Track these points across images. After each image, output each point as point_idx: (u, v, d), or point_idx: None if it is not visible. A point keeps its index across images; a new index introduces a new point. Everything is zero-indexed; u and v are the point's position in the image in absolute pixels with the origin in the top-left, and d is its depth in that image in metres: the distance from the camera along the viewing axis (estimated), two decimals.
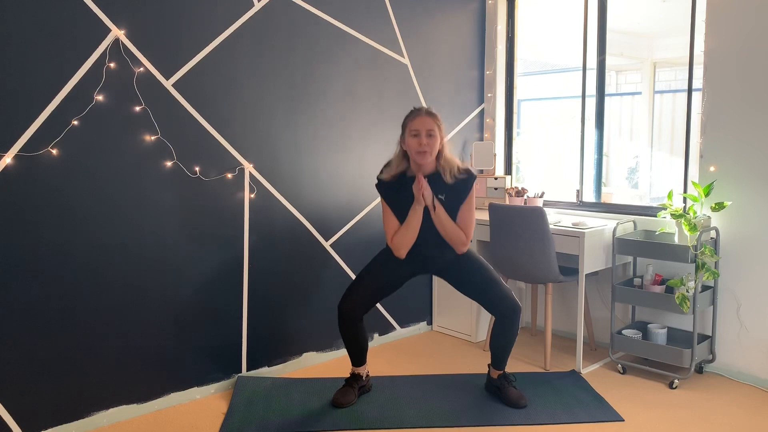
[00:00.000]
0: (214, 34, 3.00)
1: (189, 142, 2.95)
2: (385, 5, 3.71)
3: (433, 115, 2.80)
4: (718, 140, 3.29)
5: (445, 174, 2.81)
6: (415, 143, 2.75)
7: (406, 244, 2.84)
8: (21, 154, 2.49)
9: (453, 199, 2.82)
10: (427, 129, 2.74)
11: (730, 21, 3.20)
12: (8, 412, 2.53)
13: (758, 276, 3.20)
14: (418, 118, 2.77)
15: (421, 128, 2.74)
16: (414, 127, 2.76)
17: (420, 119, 2.76)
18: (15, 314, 2.52)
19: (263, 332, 3.32)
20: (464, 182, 2.83)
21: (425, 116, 2.77)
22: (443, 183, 2.81)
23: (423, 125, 2.75)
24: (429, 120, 2.76)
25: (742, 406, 2.99)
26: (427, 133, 2.74)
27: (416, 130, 2.75)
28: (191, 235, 3.00)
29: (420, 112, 2.80)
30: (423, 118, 2.76)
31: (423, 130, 2.74)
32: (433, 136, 2.76)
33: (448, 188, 2.81)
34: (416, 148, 2.75)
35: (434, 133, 2.76)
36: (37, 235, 2.56)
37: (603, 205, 3.91)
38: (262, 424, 2.77)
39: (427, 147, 2.74)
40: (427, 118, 2.77)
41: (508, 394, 2.97)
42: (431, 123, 2.76)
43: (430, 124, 2.75)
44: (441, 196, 2.81)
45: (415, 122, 2.76)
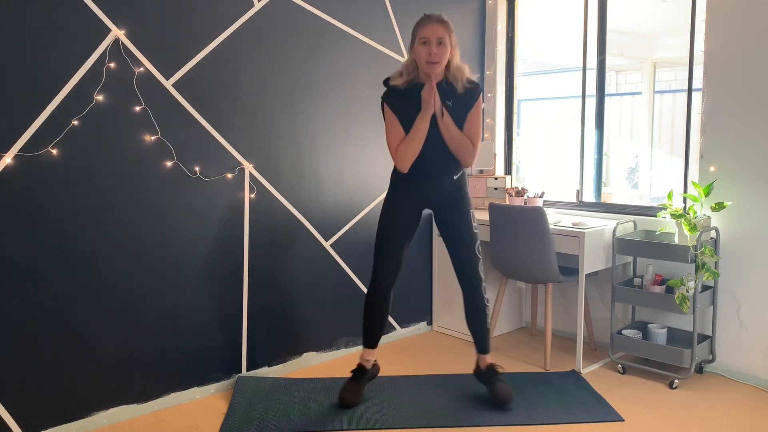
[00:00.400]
0: (214, 34, 3.00)
1: (189, 142, 2.95)
2: (385, 5, 3.71)
3: (445, 22, 2.67)
4: (718, 140, 3.29)
5: (456, 83, 2.73)
6: (425, 52, 2.64)
7: (411, 153, 2.75)
8: (21, 154, 2.49)
9: (460, 107, 2.75)
10: (437, 37, 2.63)
11: (730, 21, 3.20)
12: (8, 412, 2.53)
13: (758, 276, 3.20)
14: (429, 25, 2.64)
15: (432, 36, 2.63)
16: (424, 35, 2.64)
17: (430, 27, 2.64)
18: (15, 314, 2.52)
19: (263, 332, 3.32)
20: (471, 91, 2.75)
21: (436, 24, 2.64)
22: (452, 91, 2.73)
23: (433, 33, 2.63)
24: (440, 28, 2.64)
25: (742, 406, 2.99)
26: (438, 41, 2.63)
27: (426, 37, 2.63)
28: (191, 235, 3.00)
29: (431, 19, 2.66)
30: (434, 26, 2.63)
31: (433, 38, 2.63)
32: (444, 44, 2.64)
33: (455, 97, 2.74)
34: (426, 57, 2.64)
35: (444, 41, 2.64)
36: (37, 235, 2.56)
37: (603, 205, 3.91)
38: (262, 424, 2.77)
39: (437, 57, 2.63)
40: (437, 25, 2.64)
41: (496, 389, 2.92)
42: (442, 31, 2.64)
43: (440, 32, 2.63)
44: (449, 102, 2.73)
45: (426, 30, 2.64)
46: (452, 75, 2.73)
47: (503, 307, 4.07)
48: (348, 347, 3.71)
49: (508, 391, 2.92)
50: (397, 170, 2.89)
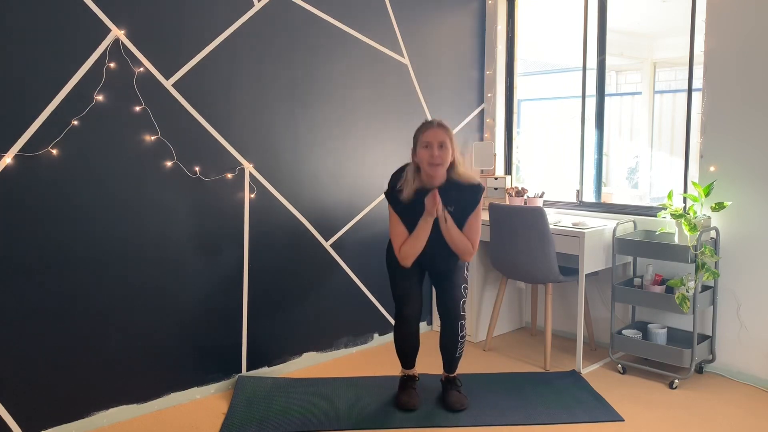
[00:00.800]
0: (214, 34, 3.00)
1: (189, 142, 2.95)
2: (385, 5, 3.71)
3: (445, 127, 2.80)
4: (718, 140, 3.29)
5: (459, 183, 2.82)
6: (427, 155, 2.75)
7: (413, 254, 2.84)
8: (21, 154, 2.49)
9: (461, 211, 2.84)
10: (438, 141, 2.75)
11: (730, 21, 3.20)
12: (8, 412, 2.53)
13: (758, 276, 3.20)
14: (430, 130, 2.77)
15: (433, 140, 2.75)
16: (425, 139, 2.77)
17: (431, 131, 2.77)
18: (15, 314, 2.52)
19: (263, 332, 3.32)
20: (473, 195, 2.84)
21: (436, 128, 2.78)
22: (452, 195, 2.81)
23: (434, 137, 2.75)
24: (440, 132, 2.77)
25: (742, 406, 2.99)
26: (439, 145, 2.75)
27: (428, 141, 2.76)
28: (191, 235, 3.00)
29: (431, 124, 2.81)
30: (434, 130, 2.77)
31: (435, 141, 2.75)
32: (445, 147, 2.76)
33: (456, 200, 2.82)
34: (428, 160, 2.75)
35: (446, 144, 2.76)
36: (37, 235, 2.56)
37: (603, 205, 3.91)
38: (263, 424, 2.77)
39: (438, 159, 2.74)
40: (438, 130, 2.77)
41: (447, 396, 2.99)
42: (443, 135, 2.76)
43: (441, 136, 2.76)
44: (450, 207, 2.81)
45: (427, 134, 2.77)
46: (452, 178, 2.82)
47: (503, 307, 4.07)
48: (348, 347, 3.71)
49: (459, 399, 2.96)
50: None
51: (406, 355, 3.08)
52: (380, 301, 3.84)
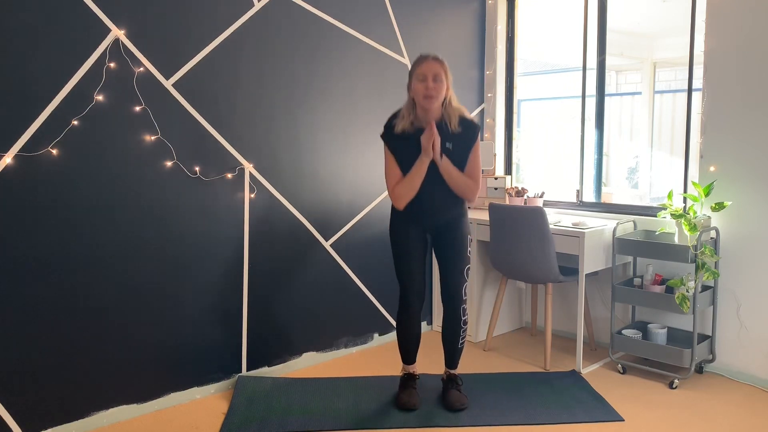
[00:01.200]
0: (214, 34, 3.00)
1: (189, 142, 2.95)
2: (385, 5, 3.71)
3: (440, 60, 2.75)
4: (718, 140, 3.29)
5: (451, 122, 2.78)
6: (422, 88, 2.71)
7: (408, 194, 2.80)
8: (21, 154, 2.49)
9: (460, 148, 2.80)
10: (433, 73, 2.70)
11: (730, 21, 3.20)
12: (8, 412, 2.53)
13: (758, 276, 3.20)
14: (425, 62, 2.73)
15: (428, 72, 2.70)
16: (420, 72, 2.72)
17: (426, 64, 2.72)
18: (15, 314, 2.52)
19: (263, 332, 3.32)
20: (471, 131, 2.81)
21: (431, 61, 2.72)
22: (449, 132, 2.78)
23: (429, 69, 2.70)
24: (435, 65, 2.72)
25: (742, 406, 2.99)
26: (434, 78, 2.70)
27: (423, 74, 2.71)
28: (191, 235, 3.00)
29: (426, 57, 2.75)
30: (429, 63, 2.72)
31: (429, 74, 2.70)
32: (440, 80, 2.71)
33: (454, 137, 2.78)
34: (423, 93, 2.71)
35: (441, 77, 2.71)
36: (37, 235, 2.56)
37: (603, 205, 3.91)
38: (263, 424, 2.77)
39: (433, 91, 2.70)
40: (433, 62, 2.72)
41: (447, 395, 2.97)
42: (438, 67, 2.71)
43: (436, 69, 2.71)
44: (448, 144, 2.78)
45: (422, 67, 2.72)
46: (447, 113, 2.78)
47: (503, 307, 4.07)
48: (348, 347, 3.71)
49: (460, 399, 2.94)
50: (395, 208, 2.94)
51: (407, 347, 3.05)
52: (380, 301, 3.84)
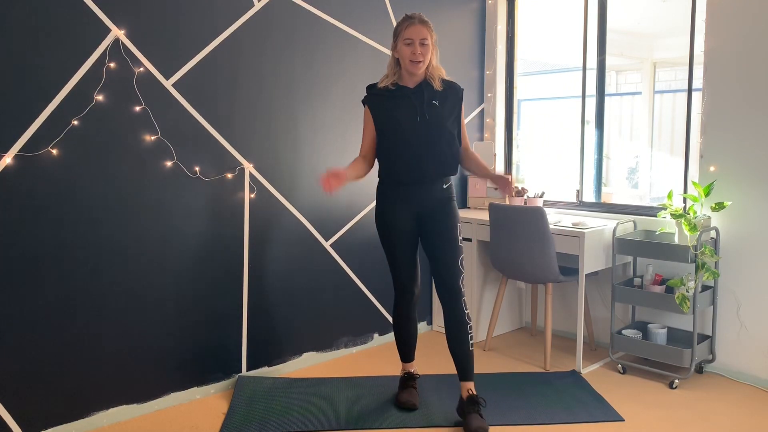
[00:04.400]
0: (214, 34, 3.00)
1: (189, 142, 2.95)
2: (385, 5, 3.71)
3: (426, 22, 2.71)
4: (718, 140, 3.29)
5: (434, 81, 2.76)
6: (408, 52, 2.68)
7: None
8: (21, 154, 2.49)
9: (448, 104, 2.79)
10: (421, 38, 2.67)
11: (730, 21, 3.20)
12: (8, 412, 2.53)
13: (758, 276, 3.20)
14: (412, 26, 2.68)
15: (415, 37, 2.67)
16: (407, 36, 2.68)
17: (414, 28, 2.68)
18: (15, 314, 2.52)
19: (263, 332, 3.32)
20: (455, 90, 2.82)
21: (419, 24, 2.69)
22: (434, 90, 2.76)
23: (417, 34, 2.67)
24: (423, 29, 2.68)
25: (742, 406, 2.99)
26: (421, 42, 2.67)
27: (410, 39, 2.68)
28: (191, 235, 3.00)
29: (413, 20, 2.70)
30: (417, 27, 2.68)
31: (417, 38, 2.67)
32: (426, 44, 2.69)
33: (439, 95, 2.77)
34: (410, 57, 2.68)
35: (427, 41, 2.69)
36: (37, 235, 2.56)
37: (603, 205, 3.91)
38: (263, 424, 2.77)
39: (420, 56, 2.68)
40: (420, 26, 2.69)
41: (468, 420, 2.69)
42: (425, 31, 2.68)
43: (423, 33, 2.68)
44: (435, 101, 2.75)
45: (409, 31, 2.68)
46: (430, 74, 2.76)
47: (503, 307, 4.07)
48: (348, 347, 3.71)
49: (482, 425, 2.65)
50: (384, 179, 2.87)
51: (405, 342, 3.03)
52: (380, 301, 3.84)
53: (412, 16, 2.72)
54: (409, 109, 2.74)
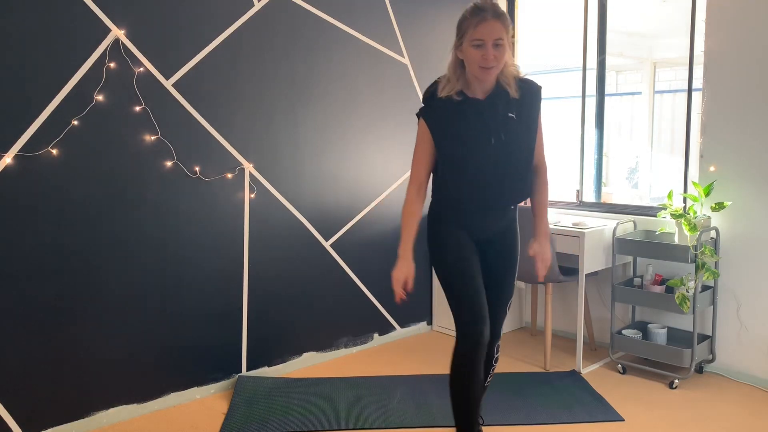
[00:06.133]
0: (214, 34, 3.00)
1: (189, 142, 2.95)
2: (385, 5, 3.71)
3: (501, 16, 2.10)
4: (718, 140, 3.29)
5: (509, 86, 2.18)
6: (478, 56, 2.08)
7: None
8: (21, 154, 2.49)
9: (525, 115, 2.22)
10: (494, 38, 2.06)
11: (730, 21, 3.20)
12: (8, 412, 2.53)
13: (758, 276, 3.20)
14: (484, 23, 2.07)
15: (487, 38, 2.06)
16: (478, 36, 2.07)
17: (486, 25, 2.07)
18: (15, 314, 2.52)
19: (263, 332, 3.32)
20: (532, 92, 2.23)
21: (492, 20, 2.07)
22: (509, 98, 2.19)
23: (490, 33, 2.06)
24: (497, 25, 2.07)
25: (742, 406, 2.99)
26: (495, 43, 2.07)
27: (480, 40, 2.07)
28: (191, 235, 3.00)
29: (485, 13, 2.08)
30: (490, 24, 2.07)
31: (490, 39, 2.06)
32: (501, 45, 2.08)
33: (515, 103, 2.19)
34: (480, 62, 2.09)
35: (503, 41, 2.08)
36: (37, 235, 2.56)
37: (603, 205, 3.91)
38: (263, 424, 2.77)
39: (494, 61, 2.08)
40: (494, 22, 2.07)
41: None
42: (500, 29, 2.07)
43: (498, 31, 2.07)
44: (512, 113, 2.19)
45: (480, 29, 2.07)
46: (505, 76, 2.18)
47: None
48: (348, 347, 3.71)
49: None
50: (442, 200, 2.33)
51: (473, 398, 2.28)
52: (380, 301, 3.84)
53: (483, 8, 2.11)
54: (480, 129, 2.17)
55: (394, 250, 2.29)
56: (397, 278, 2.22)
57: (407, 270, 2.23)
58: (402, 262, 2.25)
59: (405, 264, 2.24)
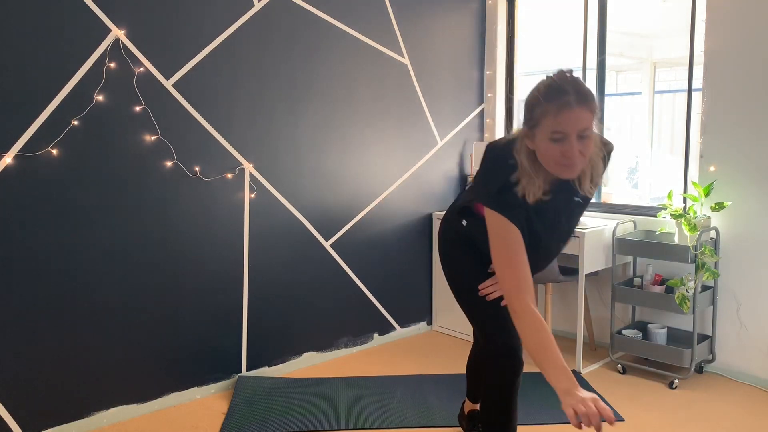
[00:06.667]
0: (214, 34, 3.00)
1: (189, 142, 2.95)
2: (385, 5, 3.71)
3: (588, 98, 1.66)
4: (718, 140, 3.29)
5: (586, 177, 1.82)
6: (558, 152, 1.67)
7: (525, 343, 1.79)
8: (21, 154, 2.49)
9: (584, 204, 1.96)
10: (581, 129, 1.65)
11: (730, 21, 3.20)
12: (8, 412, 2.53)
13: (758, 276, 3.20)
14: (566, 112, 1.63)
15: (571, 129, 1.64)
16: (560, 128, 1.65)
17: (570, 114, 1.63)
18: (15, 314, 2.52)
19: (263, 332, 3.32)
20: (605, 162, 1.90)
21: (578, 108, 1.63)
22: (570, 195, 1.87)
23: (575, 124, 1.64)
24: (584, 113, 1.64)
25: (742, 406, 2.99)
26: (580, 134, 1.65)
27: (562, 132, 1.65)
28: (191, 235, 3.00)
29: (567, 97, 1.63)
30: (575, 113, 1.63)
31: (574, 131, 1.65)
32: (588, 136, 1.67)
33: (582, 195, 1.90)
34: (559, 160, 1.68)
35: (589, 132, 1.67)
36: (37, 235, 2.56)
37: (603, 205, 3.91)
38: (263, 424, 2.77)
39: (578, 158, 1.67)
40: (580, 110, 1.64)
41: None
42: (587, 117, 1.65)
43: (585, 120, 1.65)
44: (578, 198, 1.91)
45: (562, 120, 1.64)
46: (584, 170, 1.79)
47: None
48: (348, 347, 3.71)
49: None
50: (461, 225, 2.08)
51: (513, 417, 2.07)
52: (380, 301, 3.84)
53: (563, 89, 1.65)
54: (552, 221, 1.91)
55: (394, 250, 2.28)
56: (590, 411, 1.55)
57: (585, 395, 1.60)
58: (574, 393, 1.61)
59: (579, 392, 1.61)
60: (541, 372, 1.67)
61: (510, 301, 1.77)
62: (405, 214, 3.89)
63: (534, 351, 1.70)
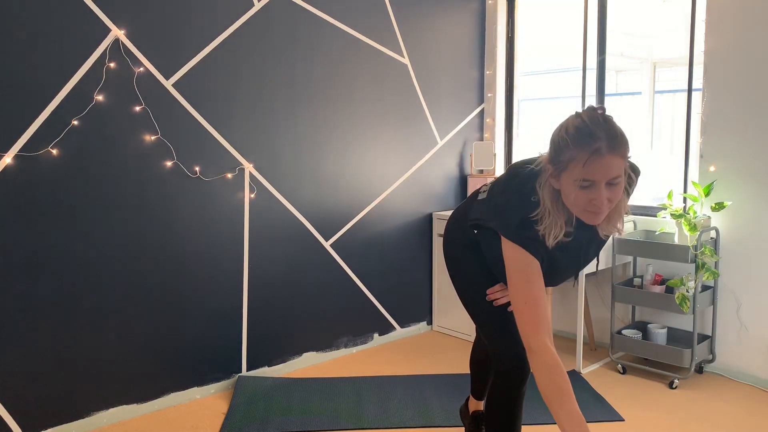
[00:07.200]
0: (214, 34, 3.00)
1: (189, 142, 2.95)
2: (385, 5, 3.71)
3: (621, 144, 1.57)
4: (718, 140, 3.29)
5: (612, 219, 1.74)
6: (585, 199, 1.59)
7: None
8: (21, 154, 2.49)
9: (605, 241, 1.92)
10: (611, 177, 1.56)
11: (730, 21, 3.20)
12: (8, 412, 2.53)
13: (758, 276, 3.20)
14: (597, 161, 1.53)
15: (601, 177, 1.56)
16: (589, 177, 1.56)
17: (601, 162, 1.54)
18: (15, 314, 2.52)
19: (263, 332, 3.32)
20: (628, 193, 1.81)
21: (608, 156, 1.53)
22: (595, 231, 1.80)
23: (604, 173, 1.55)
24: (616, 161, 1.55)
25: (742, 406, 2.99)
26: (610, 182, 1.57)
27: (592, 179, 1.56)
28: (191, 235, 3.00)
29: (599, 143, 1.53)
30: (606, 160, 1.54)
31: (603, 180, 1.56)
32: (618, 184, 1.59)
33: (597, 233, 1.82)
34: (585, 206, 1.61)
35: (619, 180, 1.59)
36: (37, 235, 2.56)
37: None
38: (263, 424, 2.77)
39: (605, 206, 1.60)
40: (611, 158, 1.54)
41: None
42: (619, 165, 1.56)
43: (616, 169, 1.56)
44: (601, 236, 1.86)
45: (592, 168, 1.54)
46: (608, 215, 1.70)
47: None
48: (348, 347, 3.71)
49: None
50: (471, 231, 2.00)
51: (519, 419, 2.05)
52: (380, 301, 3.84)
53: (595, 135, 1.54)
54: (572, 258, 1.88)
55: (394, 250, 2.28)
56: None
57: None
58: None
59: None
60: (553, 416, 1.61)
61: (526, 339, 1.71)
62: (405, 214, 3.89)
63: (549, 394, 1.63)
